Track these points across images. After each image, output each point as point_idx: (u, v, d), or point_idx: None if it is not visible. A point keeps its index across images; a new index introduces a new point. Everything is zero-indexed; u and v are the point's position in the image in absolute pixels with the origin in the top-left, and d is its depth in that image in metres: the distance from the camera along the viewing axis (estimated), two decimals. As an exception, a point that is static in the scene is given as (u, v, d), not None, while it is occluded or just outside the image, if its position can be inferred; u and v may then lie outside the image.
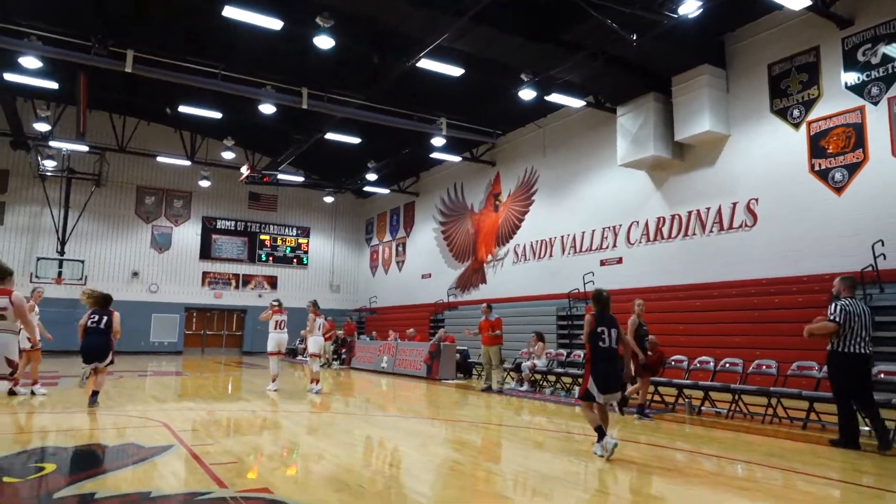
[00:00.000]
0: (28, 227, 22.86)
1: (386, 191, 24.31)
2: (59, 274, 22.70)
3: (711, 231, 12.86)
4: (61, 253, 22.86)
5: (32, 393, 9.25)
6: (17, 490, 4.23)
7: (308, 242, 28.17)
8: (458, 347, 13.62)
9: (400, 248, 25.20)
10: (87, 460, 5.15)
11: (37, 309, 9.62)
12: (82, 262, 23.68)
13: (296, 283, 27.65)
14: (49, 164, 21.74)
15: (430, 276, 22.67)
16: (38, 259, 22.68)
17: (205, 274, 26.36)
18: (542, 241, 17.36)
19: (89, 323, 8.31)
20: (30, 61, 12.72)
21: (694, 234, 13.20)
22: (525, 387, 11.85)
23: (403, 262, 24.84)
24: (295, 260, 27.95)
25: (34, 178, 22.66)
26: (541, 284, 17.11)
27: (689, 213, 13.31)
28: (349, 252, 28.75)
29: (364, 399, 9.77)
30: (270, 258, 27.49)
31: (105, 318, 8.35)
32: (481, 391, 11.24)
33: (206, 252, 26.43)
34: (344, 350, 18.43)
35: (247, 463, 5.01)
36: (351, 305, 28.09)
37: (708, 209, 12.95)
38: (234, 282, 26.76)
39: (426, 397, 9.99)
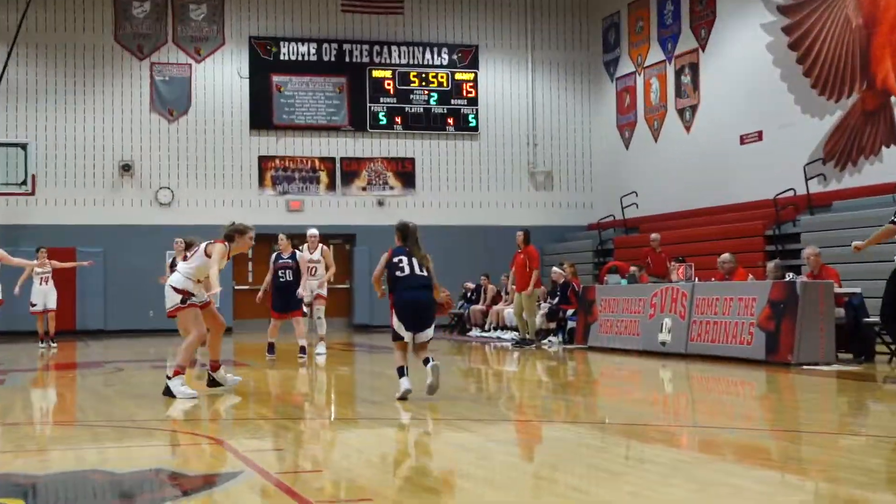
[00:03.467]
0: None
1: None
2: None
3: None
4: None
5: None
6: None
7: (475, 80, 28.88)
8: (836, 289, 14.39)
9: (684, 80, 25.71)
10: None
11: None
12: (23, 147, 25.20)
13: (455, 171, 28.82)
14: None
15: (757, 137, 23.00)
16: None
17: (264, 162, 27.55)
18: None
19: None
20: None
21: None
22: None
23: (694, 112, 25.31)
24: (450, 121, 28.69)
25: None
26: None
27: None
28: (569, 97, 29.75)
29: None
30: (398, 120, 28.33)
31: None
32: None
33: (261, 114, 27.57)
34: (569, 312, 19.94)
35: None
36: (578, 217, 29.44)
37: None
38: (324, 174, 27.75)
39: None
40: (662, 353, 15.77)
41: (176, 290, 10.75)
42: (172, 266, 15.63)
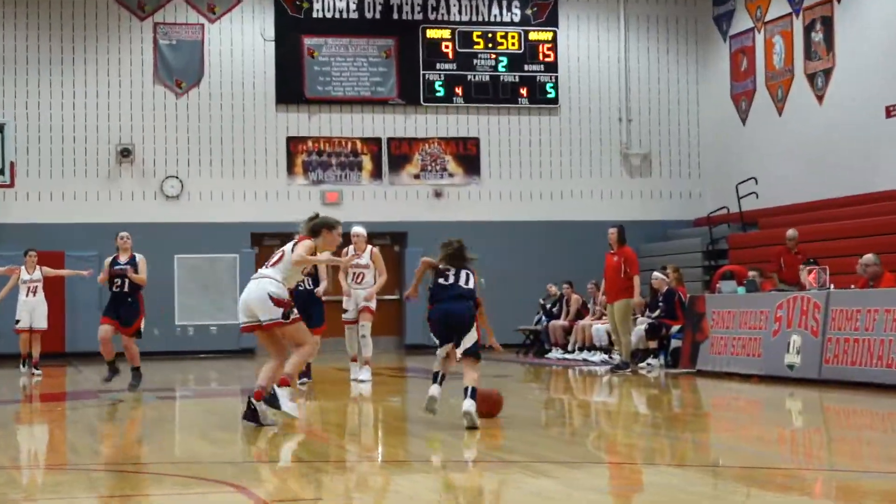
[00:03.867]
0: None
1: None
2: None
3: None
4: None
5: None
6: None
7: (554, 41, 28.86)
8: None
9: (816, 38, 25.58)
10: None
11: None
12: None
13: (530, 154, 28.83)
14: None
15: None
16: None
17: (294, 145, 27.61)
18: None
19: None
20: None
21: None
22: None
23: (828, 78, 25.15)
24: (523, 92, 28.55)
25: None
26: None
27: None
28: (670, 61, 29.86)
29: None
30: (459, 91, 28.21)
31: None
32: None
33: (290, 86, 27.75)
34: (674, 328, 20.06)
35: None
36: (684, 210, 29.50)
37: None
38: (367, 159, 27.92)
39: None
40: (790, 379, 15.65)
41: (277, 301, 11.02)
42: (113, 265, 16.90)
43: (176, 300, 26.78)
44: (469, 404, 10.51)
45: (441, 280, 11.06)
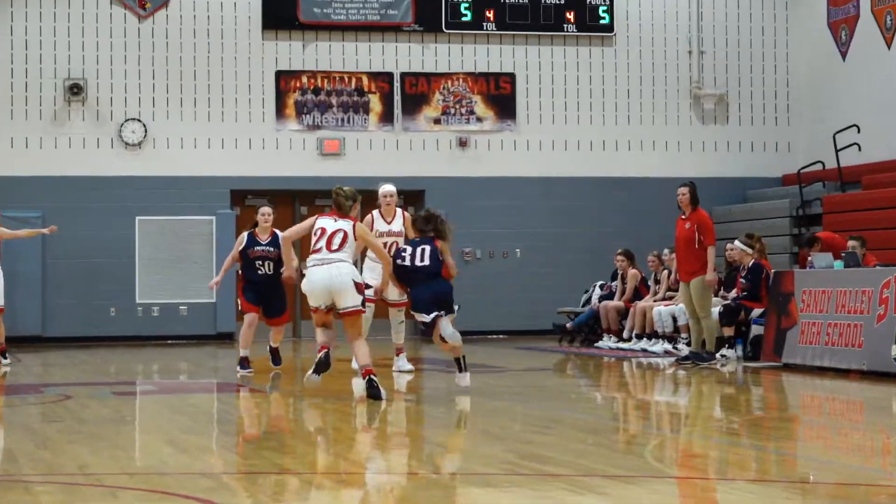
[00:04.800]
0: None
1: None
2: None
3: None
4: None
5: None
6: None
7: None
8: None
9: None
10: None
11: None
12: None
13: (578, 95, 29.03)
14: None
15: None
16: None
17: (285, 81, 28.08)
18: None
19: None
20: None
21: None
22: None
23: None
24: (570, 17, 28.76)
25: None
26: None
27: None
28: None
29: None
30: (490, 15, 28.59)
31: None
32: None
33: (281, 7, 28.16)
34: (755, 311, 20.11)
35: None
36: (768, 165, 29.95)
37: None
38: (376, 99, 28.34)
39: None
40: (898, 376, 15.72)
41: (359, 287, 13.56)
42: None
43: (137, 273, 26.90)
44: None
45: (398, 261, 13.16)
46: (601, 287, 23.92)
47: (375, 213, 17.14)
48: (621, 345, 22.27)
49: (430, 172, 27.34)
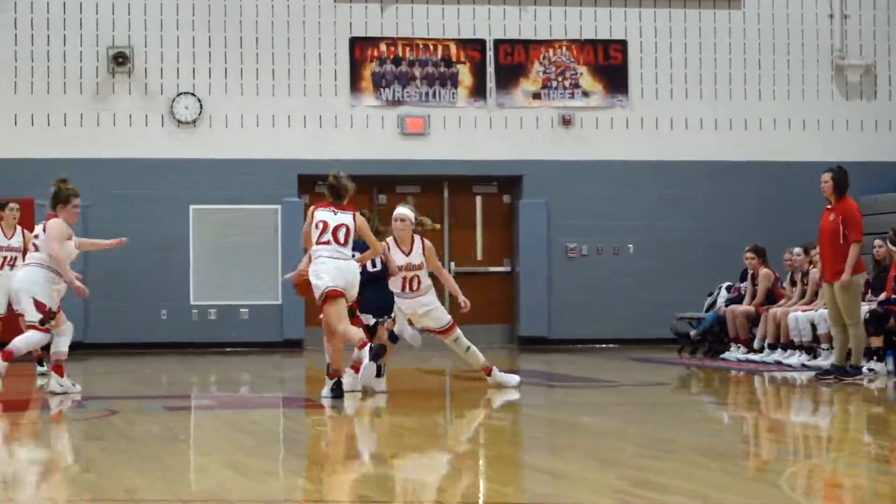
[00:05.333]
0: None
1: None
2: None
3: None
4: None
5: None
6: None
7: None
8: None
9: None
10: None
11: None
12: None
13: (701, 66, 29.63)
14: None
15: None
16: None
17: (360, 50, 28.43)
18: None
19: None
20: None
21: None
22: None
23: None
24: None
25: None
26: None
27: None
28: None
29: None
30: None
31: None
32: None
33: None
34: None
35: None
36: None
37: None
38: (465, 70, 28.69)
39: None
40: None
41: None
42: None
43: (192, 270, 27.38)
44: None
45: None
46: (728, 289, 23.84)
47: (390, 241, 17.13)
48: (751, 356, 22.02)
49: (529, 155, 27.57)
